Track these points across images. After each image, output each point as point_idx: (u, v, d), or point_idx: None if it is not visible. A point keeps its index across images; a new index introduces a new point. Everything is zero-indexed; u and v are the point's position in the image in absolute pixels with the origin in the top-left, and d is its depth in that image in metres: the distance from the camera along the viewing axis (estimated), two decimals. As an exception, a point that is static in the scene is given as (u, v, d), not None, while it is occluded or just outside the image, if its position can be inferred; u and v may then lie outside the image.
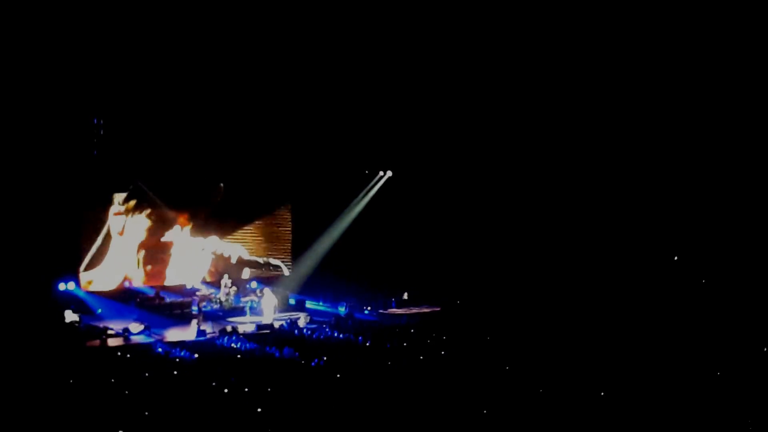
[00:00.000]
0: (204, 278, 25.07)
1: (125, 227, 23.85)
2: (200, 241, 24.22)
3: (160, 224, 24.38)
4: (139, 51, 22.29)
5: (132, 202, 23.69)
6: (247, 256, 24.50)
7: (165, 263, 24.45)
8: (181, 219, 24.49)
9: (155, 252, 24.41)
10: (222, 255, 24.31)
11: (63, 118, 22.48)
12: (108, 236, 23.74)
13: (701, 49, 22.99)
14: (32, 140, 22.01)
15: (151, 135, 23.76)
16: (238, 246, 24.55)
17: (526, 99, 25.42)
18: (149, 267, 24.34)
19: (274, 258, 24.94)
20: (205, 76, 23.38)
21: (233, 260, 24.61)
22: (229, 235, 25.15)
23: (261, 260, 24.13)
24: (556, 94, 25.30)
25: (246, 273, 24.76)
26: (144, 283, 24.25)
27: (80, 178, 23.28)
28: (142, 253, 24.14)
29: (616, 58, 24.24)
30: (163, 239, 24.31)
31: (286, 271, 24.44)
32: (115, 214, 23.81)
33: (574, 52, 24.39)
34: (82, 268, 23.54)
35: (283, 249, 25.58)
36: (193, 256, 24.60)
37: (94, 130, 23.33)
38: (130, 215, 23.83)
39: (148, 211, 24.15)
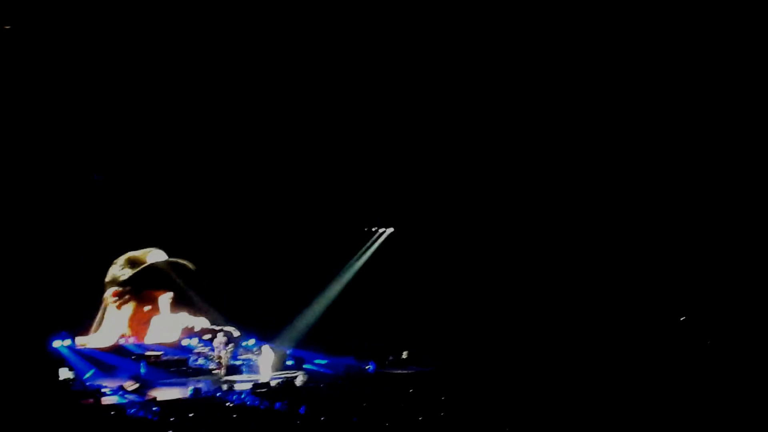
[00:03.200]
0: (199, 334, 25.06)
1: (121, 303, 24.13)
2: (173, 316, 25.12)
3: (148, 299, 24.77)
4: (140, 112, 22.52)
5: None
6: (208, 326, 25.17)
7: (145, 333, 24.73)
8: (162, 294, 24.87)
9: (141, 323, 24.69)
10: (189, 326, 25.06)
11: (61, 175, 22.65)
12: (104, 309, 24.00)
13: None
14: (30, 194, 22.11)
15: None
16: (203, 318, 25.30)
17: (526, 161, 25.50)
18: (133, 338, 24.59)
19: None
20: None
21: (197, 329, 25.06)
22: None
23: (217, 328, 24.94)
24: (552, 152, 25.32)
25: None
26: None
27: (80, 234, 23.33)
28: (129, 323, 24.50)
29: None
30: (146, 311, 24.69)
31: (235, 332, 24.99)
32: (114, 294, 23.82)
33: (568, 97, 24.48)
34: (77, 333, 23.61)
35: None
36: (168, 328, 25.00)
37: (96, 186, 23.59)
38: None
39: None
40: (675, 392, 18.52)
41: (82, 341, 23.60)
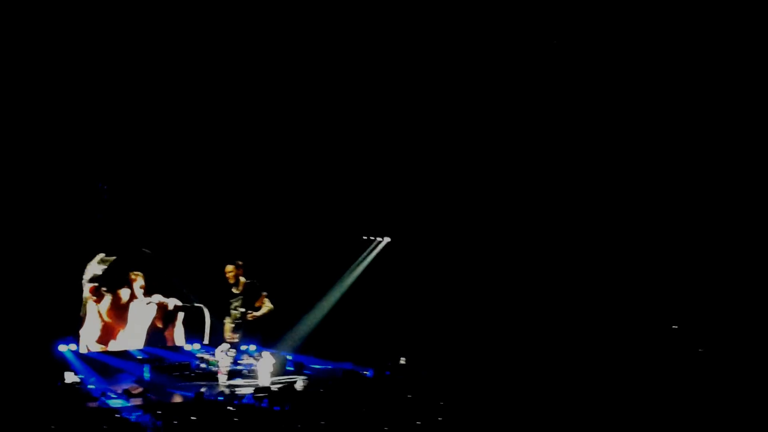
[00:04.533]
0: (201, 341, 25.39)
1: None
2: (147, 298, 25.20)
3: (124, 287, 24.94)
4: (144, 117, 22.81)
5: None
6: (180, 303, 25.46)
7: (126, 317, 24.82)
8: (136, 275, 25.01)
9: (120, 309, 24.77)
10: (163, 303, 25.14)
11: (68, 182, 22.91)
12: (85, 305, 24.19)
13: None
14: (36, 201, 22.38)
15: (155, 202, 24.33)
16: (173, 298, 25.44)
17: (525, 169, 25.74)
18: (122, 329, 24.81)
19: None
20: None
21: (170, 307, 25.30)
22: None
23: (189, 305, 25.51)
24: (551, 161, 25.56)
25: (181, 317, 25.63)
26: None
27: (83, 240, 23.60)
28: (108, 313, 24.57)
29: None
30: (123, 298, 24.81)
31: (207, 314, 25.49)
32: (91, 290, 24.16)
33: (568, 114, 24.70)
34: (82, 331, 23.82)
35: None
36: (143, 309, 25.09)
37: (99, 195, 23.85)
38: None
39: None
40: (674, 394, 18.88)
41: (87, 340, 23.85)
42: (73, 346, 23.22)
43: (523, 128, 25.19)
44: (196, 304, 25.42)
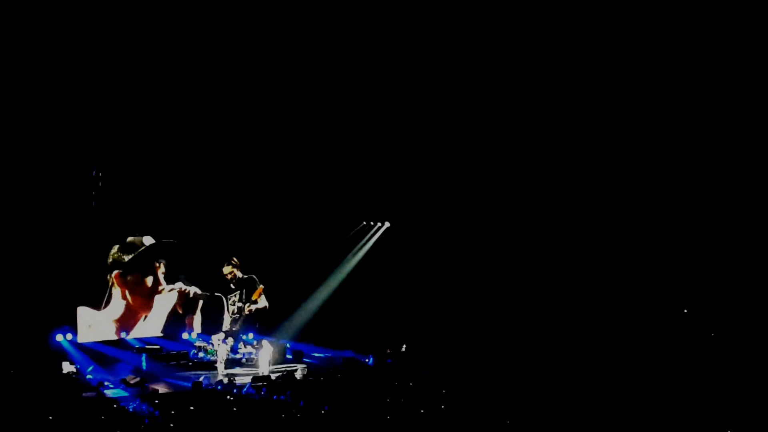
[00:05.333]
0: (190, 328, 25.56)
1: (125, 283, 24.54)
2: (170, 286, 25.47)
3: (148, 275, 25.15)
4: (140, 103, 22.60)
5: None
6: (200, 291, 25.63)
7: (151, 304, 25.02)
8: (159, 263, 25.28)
9: (145, 296, 24.97)
10: (183, 291, 25.38)
11: (62, 169, 22.73)
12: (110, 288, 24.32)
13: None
14: (31, 187, 22.22)
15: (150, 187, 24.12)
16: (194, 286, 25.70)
17: (524, 157, 25.60)
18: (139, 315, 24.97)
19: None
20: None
21: (191, 294, 25.49)
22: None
23: (208, 294, 25.68)
24: (550, 143, 25.40)
25: (200, 305, 25.84)
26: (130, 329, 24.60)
27: (78, 227, 23.44)
28: (133, 299, 24.73)
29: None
30: (149, 285, 25.04)
31: (225, 303, 25.48)
32: (117, 275, 24.24)
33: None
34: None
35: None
36: (165, 295, 25.31)
37: (94, 182, 23.68)
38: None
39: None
40: (677, 387, 18.82)
41: (87, 323, 23.75)
42: (69, 336, 23.04)
43: (520, 112, 25.05)
44: (216, 294, 25.42)
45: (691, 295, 24.71)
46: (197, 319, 25.67)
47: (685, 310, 24.91)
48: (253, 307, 24.89)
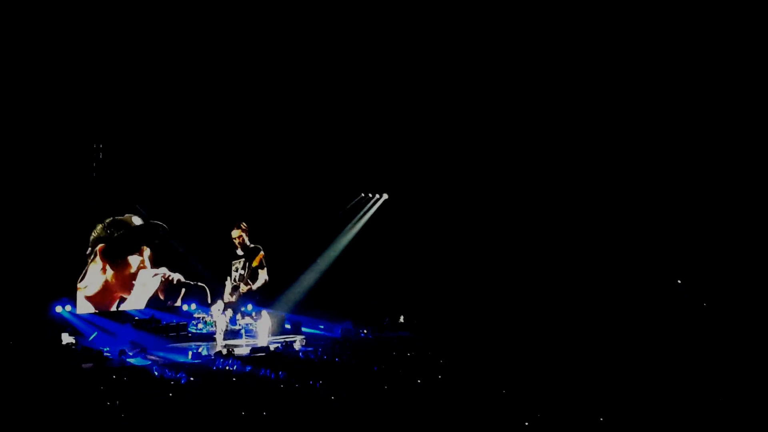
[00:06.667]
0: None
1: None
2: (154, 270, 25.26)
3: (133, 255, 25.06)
4: (140, 78, 22.51)
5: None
6: (183, 279, 25.48)
7: (132, 285, 24.86)
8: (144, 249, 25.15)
9: (127, 277, 24.82)
10: (167, 277, 25.16)
11: (63, 142, 22.71)
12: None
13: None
14: (32, 161, 22.20)
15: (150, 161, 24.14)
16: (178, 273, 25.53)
17: (520, 126, 25.53)
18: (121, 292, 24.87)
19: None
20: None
21: (174, 282, 25.33)
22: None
23: (192, 283, 25.64)
24: (547, 124, 25.36)
25: (182, 293, 25.66)
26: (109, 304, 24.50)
27: (79, 200, 23.48)
28: (114, 279, 24.60)
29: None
30: (132, 266, 24.91)
31: (208, 292, 25.67)
32: (100, 249, 24.17)
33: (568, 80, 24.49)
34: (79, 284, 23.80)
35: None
36: (149, 279, 25.13)
37: (94, 154, 23.68)
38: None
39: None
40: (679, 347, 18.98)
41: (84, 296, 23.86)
42: (68, 308, 23.15)
43: (515, 89, 24.97)
44: (199, 284, 25.51)
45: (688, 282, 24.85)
46: (179, 305, 25.62)
47: (679, 281, 25.07)
48: (253, 286, 25.03)
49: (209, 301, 25.33)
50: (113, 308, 24.32)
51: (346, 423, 14.15)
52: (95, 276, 24.05)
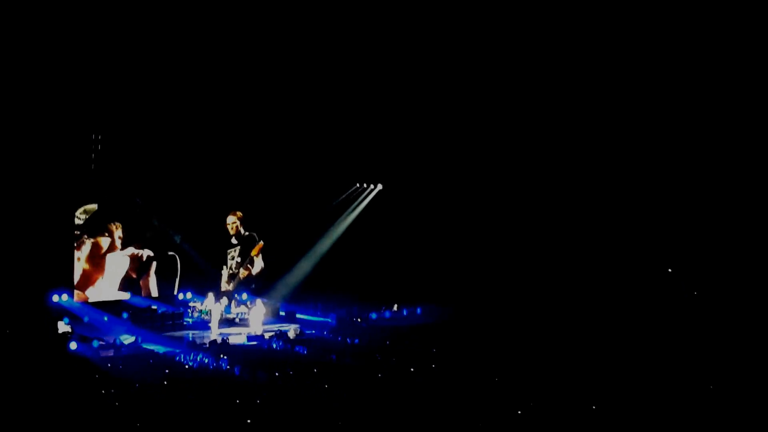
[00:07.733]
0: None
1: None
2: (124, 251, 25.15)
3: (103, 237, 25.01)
4: (138, 69, 22.56)
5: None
6: (152, 254, 25.44)
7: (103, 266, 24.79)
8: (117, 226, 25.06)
9: (97, 258, 24.75)
10: (135, 255, 25.07)
11: (61, 133, 22.77)
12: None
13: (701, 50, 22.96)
14: (29, 153, 22.26)
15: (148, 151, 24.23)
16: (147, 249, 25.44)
17: (516, 116, 25.58)
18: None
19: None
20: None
21: (144, 258, 25.26)
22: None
23: (162, 255, 25.63)
24: (545, 115, 25.40)
25: (154, 267, 25.54)
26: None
27: (77, 191, 23.58)
28: (87, 260, 24.59)
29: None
30: (103, 247, 24.85)
31: (178, 263, 25.73)
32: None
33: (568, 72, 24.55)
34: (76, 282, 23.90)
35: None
36: (119, 259, 25.04)
37: (92, 145, 23.74)
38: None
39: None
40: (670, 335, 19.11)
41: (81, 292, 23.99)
42: (65, 297, 23.25)
43: (509, 80, 25.00)
44: (169, 253, 25.47)
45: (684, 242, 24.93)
46: (152, 280, 25.58)
47: (668, 270, 25.18)
48: (248, 272, 25.12)
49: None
50: (93, 291, 24.38)
51: (342, 416, 14.27)
52: (77, 263, 24.23)
